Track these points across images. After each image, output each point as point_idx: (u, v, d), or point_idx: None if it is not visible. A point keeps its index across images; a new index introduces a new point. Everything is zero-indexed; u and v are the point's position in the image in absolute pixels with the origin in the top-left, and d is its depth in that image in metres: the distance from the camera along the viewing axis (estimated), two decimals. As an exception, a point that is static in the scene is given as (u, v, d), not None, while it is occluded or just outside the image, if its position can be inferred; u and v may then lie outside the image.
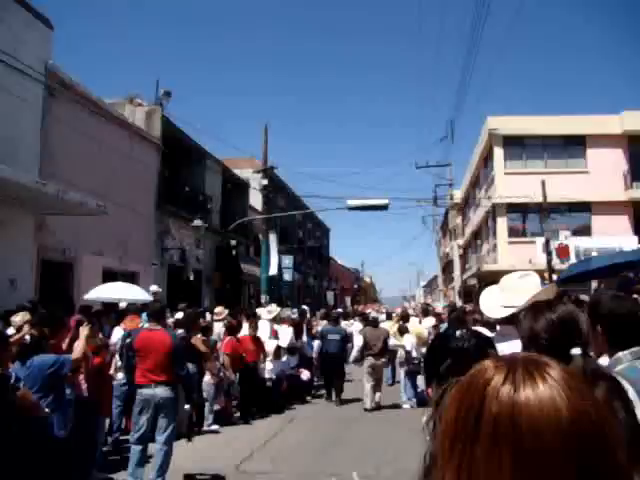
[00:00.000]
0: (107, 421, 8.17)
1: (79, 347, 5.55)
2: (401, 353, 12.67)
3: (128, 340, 7.14)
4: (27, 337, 5.27)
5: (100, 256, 15.37)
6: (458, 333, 1.91)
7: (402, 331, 12.72)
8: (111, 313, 10.44)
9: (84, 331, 5.79)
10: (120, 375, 8.18)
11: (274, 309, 13.26)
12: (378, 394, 12.09)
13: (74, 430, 5.67)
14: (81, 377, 6.37)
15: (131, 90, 24.44)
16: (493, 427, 0.74)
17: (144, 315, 9.09)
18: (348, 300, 51.12)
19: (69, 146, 13.89)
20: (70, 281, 14.40)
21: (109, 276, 14.84)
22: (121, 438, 8.39)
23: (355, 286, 62.39)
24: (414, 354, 12.15)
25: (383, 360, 12.33)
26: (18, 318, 6.01)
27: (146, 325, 7.79)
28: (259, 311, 13.43)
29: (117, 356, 8.22)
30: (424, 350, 8.40)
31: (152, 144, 19.10)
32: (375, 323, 13.15)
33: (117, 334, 8.87)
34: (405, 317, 13.98)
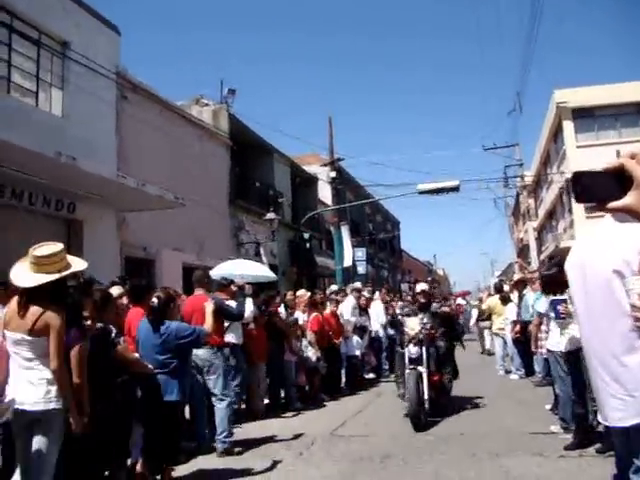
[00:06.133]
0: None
1: (209, 322, 5.70)
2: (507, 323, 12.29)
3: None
4: (154, 300, 5.44)
5: (179, 252, 15.72)
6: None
7: (505, 300, 12.51)
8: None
9: (209, 307, 5.91)
10: None
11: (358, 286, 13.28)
12: None
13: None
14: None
15: (196, 91, 24.97)
16: None
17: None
18: (423, 292, 50.50)
19: (143, 145, 14.31)
20: (152, 277, 14.73)
21: (188, 272, 15.10)
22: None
23: (429, 278, 61.66)
24: None
25: None
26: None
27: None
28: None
29: None
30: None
31: (221, 142, 19.47)
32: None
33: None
34: (500, 289, 13.62)
